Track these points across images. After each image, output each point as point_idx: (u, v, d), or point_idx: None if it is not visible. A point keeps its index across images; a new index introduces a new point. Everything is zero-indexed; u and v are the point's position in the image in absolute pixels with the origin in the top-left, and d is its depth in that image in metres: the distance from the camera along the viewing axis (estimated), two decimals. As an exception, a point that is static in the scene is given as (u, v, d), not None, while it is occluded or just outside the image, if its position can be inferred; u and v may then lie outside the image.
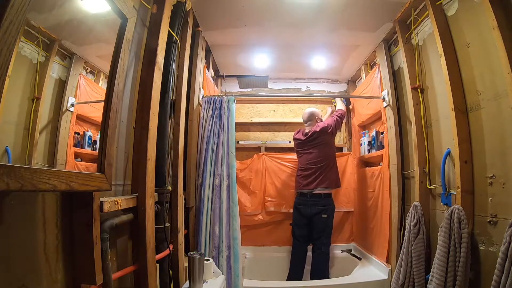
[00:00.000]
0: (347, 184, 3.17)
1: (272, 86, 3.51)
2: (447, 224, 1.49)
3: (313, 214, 2.60)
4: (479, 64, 1.51)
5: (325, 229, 2.59)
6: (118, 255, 1.18)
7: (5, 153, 0.70)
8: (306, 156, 2.75)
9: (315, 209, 2.59)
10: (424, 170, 1.95)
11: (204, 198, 2.04)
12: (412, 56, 2.08)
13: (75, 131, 0.96)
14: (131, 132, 1.35)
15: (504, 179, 1.36)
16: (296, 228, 2.72)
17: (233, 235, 2.02)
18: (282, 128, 3.51)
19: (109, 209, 1.01)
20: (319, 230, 2.58)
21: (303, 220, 2.66)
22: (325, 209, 2.59)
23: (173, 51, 1.63)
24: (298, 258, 2.67)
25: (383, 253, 2.32)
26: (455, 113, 1.58)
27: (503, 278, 1.13)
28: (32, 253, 0.77)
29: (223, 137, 2.15)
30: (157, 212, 1.41)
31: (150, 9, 1.48)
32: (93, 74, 1.05)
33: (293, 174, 3.13)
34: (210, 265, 1.58)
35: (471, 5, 1.52)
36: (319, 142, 2.68)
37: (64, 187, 0.75)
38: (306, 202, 2.64)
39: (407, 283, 1.79)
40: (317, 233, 2.59)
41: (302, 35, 2.43)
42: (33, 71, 0.79)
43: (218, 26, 2.30)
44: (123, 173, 1.29)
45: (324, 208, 2.60)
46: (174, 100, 1.75)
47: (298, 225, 2.70)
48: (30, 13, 0.66)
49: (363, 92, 2.82)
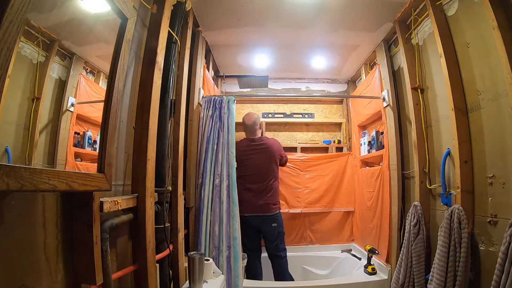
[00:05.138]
0: (347, 184, 3.18)
1: (272, 86, 3.52)
2: (447, 224, 1.49)
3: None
4: (479, 64, 1.51)
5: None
6: (118, 255, 1.17)
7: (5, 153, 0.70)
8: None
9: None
10: (424, 170, 1.95)
11: (204, 198, 2.04)
12: (412, 56, 2.08)
13: (75, 131, 0.96)
14: (131, 132, 1.35)
15: (504, 179, 1.36)
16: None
17: (233, 235, 2.02)
18: (282, 128, 3.52)
19: (109, 209, 1.01)
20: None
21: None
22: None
23: (173, 51, 1.63)
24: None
25: (383, 253, 2.32)
26: (455, 113, 1.58)
27: (503, 278, 1.13)
28: (32, 253, 0.77)
29: (223, 137, 2.15)
30: (157, 212, 1.41)
31: (150, 9, 1.48)
32: (93, 74, 1.05)
33: (293, 174, 3.13)
34: (210, 265, 1.58)
35: (471, 5, 1.52)
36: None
37: (64, 187, 0.75)
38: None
39: (407, 283, 1.79)
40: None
41: (302, 35, 2.43)
42: (33, 71, 0.79)
43: (218, 26, 2.30)
44: (123, 173, 1.29)
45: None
46: (174, 100, 1.75)
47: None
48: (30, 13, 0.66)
49: (363, 92, 2.82)
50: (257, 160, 2.57)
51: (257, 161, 2.57)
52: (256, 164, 2.56)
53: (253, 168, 2.55)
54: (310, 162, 3.19)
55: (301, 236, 3.14)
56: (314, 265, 2.96)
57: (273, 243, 2.52)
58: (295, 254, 2.90)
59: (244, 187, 2.50)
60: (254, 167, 2.55)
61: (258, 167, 2.56)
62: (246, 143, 2.64)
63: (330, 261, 2.95)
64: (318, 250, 3.09)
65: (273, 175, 2.61)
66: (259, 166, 2.56)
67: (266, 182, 2.55)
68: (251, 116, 2.71)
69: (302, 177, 3.16)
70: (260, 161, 2.57)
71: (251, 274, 2.45)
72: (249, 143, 2.63)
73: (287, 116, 3.51)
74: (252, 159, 2.56)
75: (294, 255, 2.83)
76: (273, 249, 2.53)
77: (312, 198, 3.14)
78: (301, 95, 3.55)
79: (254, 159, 2.57)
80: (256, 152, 2.59)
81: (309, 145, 3.44)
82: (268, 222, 2.52)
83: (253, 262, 2.49)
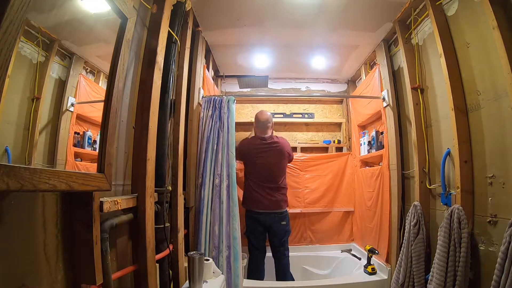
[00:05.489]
0: (347, 184, 3.18)
1: (272, 86, 3.52)
2: (447, 224, 1.50)
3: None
4: (479, 64, 1.51)
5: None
6: (118, 255, 1.17)
7: (5, 153, 0.70)
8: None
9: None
10: (424, 170, 1.95)
11: (204, 198, 2.04)
12: (412, 56, 2.08)
13: (75, 131, 0.96)
14: (131, 132, 1.35)
15: (504, 179, 1.36)
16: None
17: (233, 234, 2.02)
18: (282, 128, 3.51)
19: (109, 209, 1.01)
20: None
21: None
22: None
23: (173, 51, 1.63)
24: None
25: (383, 253, 2.33)
26: (455, 113, 1.58)
27: (503, 278, 1.13)
28: (32, 253, 0.77)
29: (223, 137, 2.15)
30: (157, 212, 1.41)
31: (150, 9, 1.48)
32: (93, 74, 1.05)
33: (293, 174, 3.13)
34: (210, 265, 1.58)
35: (471, 5, 1.52)
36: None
37: (64, 187, 0.75)
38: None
39: (407, 283, 1.79)
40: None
41: (302, 35, 2.43)
42: (33, 71, 0.79)
43: (218, 26, 2.30)
44: (123, 173, 1.29)
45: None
46: (174, 100, 1.75)
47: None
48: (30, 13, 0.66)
49: (363, 92, 2.83)
50: (270, 158, 2.58)
51: (270, 160, 2.58)
52: (268, 163, 2.57)
53: (266, 167, 2.56)
54: (310, 162, 3.19)
55: (301, 236, 3.14)
56: (314, 265, 2.96)
57: (281, 241, 2.54)
58: (295, 254, 2.88)
59: (256, 185, 2.53)
60: (266, 165, 2.57)
61: (270, 165, 2.57)
62: (258, 142, 2.64)
63: (330, 261, 2.95)
64: (318, 250, 3.09)
65: (284, 173, 2.65)
66: (272, 164, 2.58)
67: (278, 180, 2.57)
68: (265, 113, 2.72)
69: (302, 177, 3.16)
70: (272, 160, 2.59)
71: (256, 274, 2.46)
72: (260, 141, 2.63)
73: (287, 116, 3.51)
74: (264, 157, 2.57)
75: (294, 255, 2.81)
76: (279, 248, 2.54)
77: (312, 198, 3.14)
78: (301, 95, 3.55)
79: (266, 157, 2.57)
80: (268, 151, 2.60)
81: (309, 145, 3.44)
82: (278, 221, 2.53)
83: (260, 261, 2.50)
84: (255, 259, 2.47)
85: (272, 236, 2.57)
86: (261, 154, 2.58)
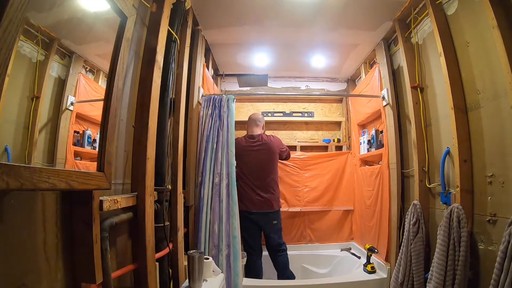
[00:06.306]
0: (346, 183, 3.18)
1: (272, 85, 3.51)
2: (447, 223, 1.50)
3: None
4: (478, 63, 1.51)
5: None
6: (118, 254, 1.18)
7: (4, 152, 0.70)
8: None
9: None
10: (423, 169, 1.96)
11: (204, 196, 2.04)
12: (411, 55, 2.08)
13: (75, 129, 0.96)
14: (130, 130, 1.35)
15: (503, 178, 1.36)
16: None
17: (233, 233, 2.02)
18: (282, 126, 3.52)
19: (109, 207, 1.01)
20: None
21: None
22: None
23: (173, 50, 1.63)
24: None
25: (383, 251, 2.33)
26: (454, 112, 1.58)
27: (502, 277, 1.13)
28: (32, 252, 0.77)
29: (222, 135, 2.15)
30: (156, 210, 1.40)
31: (150, 7, 1.47)
32: (92, 73, 1.05)
33: (293, 173, 3.13)
34: (209, 264, 1.58)
35: (471, 4, 1.52)
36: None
37: (64, 186, 0.75)
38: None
39: (407, 282, 1.80)
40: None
41: (301, 34, 2.43)
42: (33, 70, 0.78)
43: (218, 24, 2.30)
44: (123, 171, 1.28)
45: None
46: (173, 99, 1.74)
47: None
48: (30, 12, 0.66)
49: (363, 91, 2.83)
50: (257, 157, 2.58)
51: (257, 158, 2.57)
52: (256, 161, 2.57)
53: (253, 165, 2.56)
54: (310, 160, 3.20)
55: (300, 235, 3.14)
56: (314, 264, 2.97)
57: (275, 240, 2.55)
58: (294, 253, 2.90)
59: (245, 184, 2.52)
60: (254, 164, 2.56)
61: (258, 164, 2.57)
62: (244, 140, 2.65)
63: (329, 260, 2.96)
64: (318, 249, 3.09)
65: (273, 172, 2.62)
66: (259, 163, 2.57)
67: (267, 178, 2.56)
68: (257, 114, 2.82)
69: (301, 176, 3.17)
70: (260, 158, 2.58)
71: (255, 273, 2.46)
72: (247, 139, 2.64)
73: (286, 115, 3.51)
74: (251, 156, 2.57)
75: (293, 254, 2.83)
76: (274, 244, 2.55)
77: (312, 196, 3.14)
78: (300, 93, 3.55)
79: (253, 156, 2.57)
80: (255, 149, 2.59)
81: (308, 144, 3.44)
82: (270, 221, 2.54)
83: (257, 261, 2.51)
84: (252, 259, 2.48)
85: (266, 236, 2.60)
86: (248, 152, 2.58)
